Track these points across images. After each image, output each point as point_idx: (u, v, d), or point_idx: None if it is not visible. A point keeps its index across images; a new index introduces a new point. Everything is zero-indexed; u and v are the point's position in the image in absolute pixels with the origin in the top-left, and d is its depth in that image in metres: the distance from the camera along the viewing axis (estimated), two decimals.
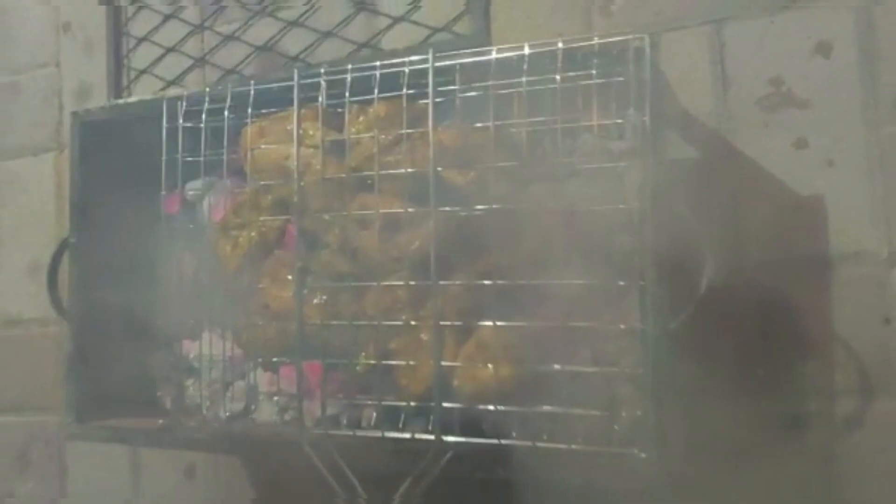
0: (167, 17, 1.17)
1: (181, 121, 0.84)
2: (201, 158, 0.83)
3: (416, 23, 1.03)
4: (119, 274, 0.95)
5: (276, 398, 0.87)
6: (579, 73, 0.70)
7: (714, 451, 0.85)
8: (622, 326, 0.67)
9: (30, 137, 1.27)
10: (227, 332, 0.91)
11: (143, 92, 1.19)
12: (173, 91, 1.16)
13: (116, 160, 0.93)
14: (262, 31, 1.12)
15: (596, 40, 0.69)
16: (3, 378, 1.25)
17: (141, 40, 1.19)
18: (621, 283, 0.67)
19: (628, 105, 0.71)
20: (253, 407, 0.90)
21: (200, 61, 1.16)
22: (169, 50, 1.18)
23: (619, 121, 0.72)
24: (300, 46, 1.10)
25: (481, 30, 0.99)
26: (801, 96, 0.86)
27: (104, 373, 0.93)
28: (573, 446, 0.67)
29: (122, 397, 0.95)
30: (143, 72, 1.18)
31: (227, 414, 0.91)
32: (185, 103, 0.84)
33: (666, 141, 0.73)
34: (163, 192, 0.88)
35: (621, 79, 0.68)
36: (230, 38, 1.14)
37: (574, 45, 0.70)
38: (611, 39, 0.69)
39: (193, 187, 0.95)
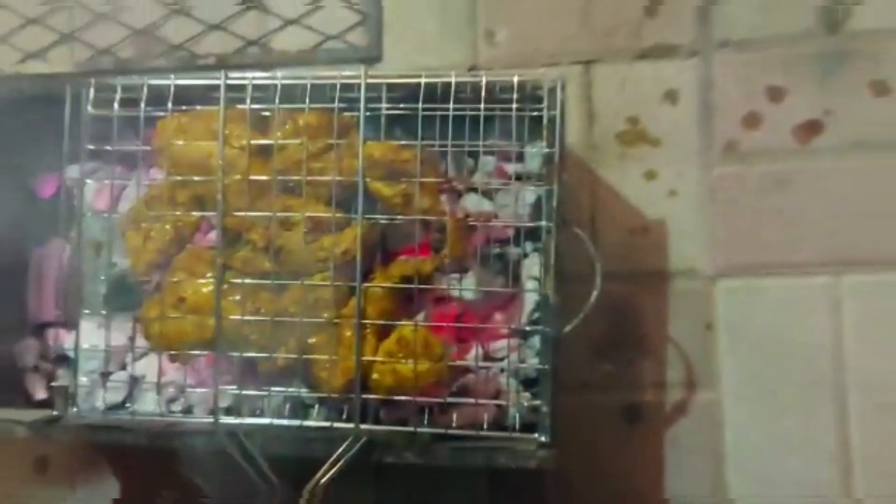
0: None
1: (90, 108, 0.82)
2: (110, 148, 0.83)
3: (309, 27, 1.07)
4: None
5: (162, 389, 0.88)
6: (498, 104, 0.80)
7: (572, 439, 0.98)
8: (533, 328, 0.78)
9: None
10: (112, 321, 0.90)
11: None
12: (34, 65, 1.12)
13: None
14: (141, 14, 1.10)
15: (516, 77, 0.79)
16: None
17: None
18: (529, 290, 0.78)
19: (526, 133, 0.82)
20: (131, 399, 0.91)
21: (68, 37, 1.11)
22: (30, 21, 1.12)
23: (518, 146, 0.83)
24: (183, 35, 1.09)
25: (375, 43, 1.05)
26: (653, 135, 1.02)
27: None
28: (481, 432, 0.77)
29: None
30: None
31: (104, 406, 0.90)
32: (92, 90, 0.83)
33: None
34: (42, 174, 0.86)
35: (536, 113, 0.79)
36: (104, 16, 1.10)
37: (495, 78, 0.79)
38: (529, 77, 0.79)
39: (73, 172, 0.92)
